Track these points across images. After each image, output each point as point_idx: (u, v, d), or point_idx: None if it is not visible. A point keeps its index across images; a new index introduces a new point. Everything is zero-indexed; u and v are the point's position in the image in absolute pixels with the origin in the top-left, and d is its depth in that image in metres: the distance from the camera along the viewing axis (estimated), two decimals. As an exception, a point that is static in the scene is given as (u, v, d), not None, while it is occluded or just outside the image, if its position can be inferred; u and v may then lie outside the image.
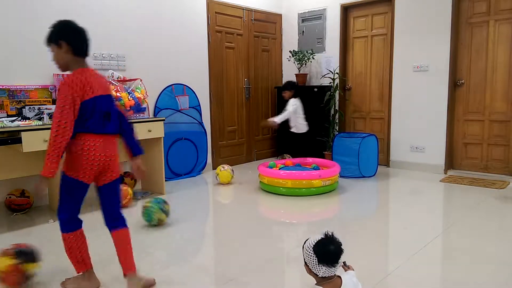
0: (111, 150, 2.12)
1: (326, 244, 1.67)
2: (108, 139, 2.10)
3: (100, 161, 2.07)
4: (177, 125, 4.91)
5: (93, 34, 4.11)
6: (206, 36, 5.27)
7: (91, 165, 2.06)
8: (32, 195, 3.63)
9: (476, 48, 4.83)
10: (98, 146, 2.05)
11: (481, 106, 4.85)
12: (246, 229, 3.26)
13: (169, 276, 2.40)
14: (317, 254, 1.65)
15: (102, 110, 2.06)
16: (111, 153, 2.12)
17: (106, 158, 2.09)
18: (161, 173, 4.21)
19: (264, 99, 6.28)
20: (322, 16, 5.95)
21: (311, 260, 1.66)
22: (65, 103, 1.94)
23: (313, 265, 1.66)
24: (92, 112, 2.02)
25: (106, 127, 2.09)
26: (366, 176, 4.88)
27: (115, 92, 4.02)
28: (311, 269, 1.69)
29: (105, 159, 2.09)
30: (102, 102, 2.07)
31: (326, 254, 1.65)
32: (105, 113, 2.08)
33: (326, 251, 1.65)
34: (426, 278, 2.32)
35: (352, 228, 3.26)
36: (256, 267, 2.51)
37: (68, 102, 1.94)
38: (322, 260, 1.64)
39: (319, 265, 1.65)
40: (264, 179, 4.28)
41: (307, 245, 1.71)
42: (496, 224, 3.25)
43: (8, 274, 2.16)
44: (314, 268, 1.67)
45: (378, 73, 5.59)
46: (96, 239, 2.63)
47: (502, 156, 4.75)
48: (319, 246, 1.66)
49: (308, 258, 1.68)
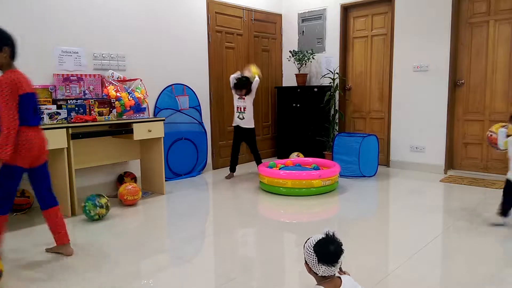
0: (42, 138, 2.53)
1: (327, 243, 1.67)
2: (38, 129, 2.52)
3: (36, 149, 2.46)
4: (177, 125, 4.91)
5: (93, 34, 4.14)
6: (206, 36, 5.27)
7: (30, 152, 2.42)
8: (32, 195, 3.64)
9: (476, 48, 4.83)
10: (34, 136, 2.44)
11: (481, 106, 4.85)
12: (246, 229, 3.26)
13: (169, 276, 2.41)
14: (317, 253, 1.66)
15: (33, 105, 2.44)
16: (42, 141, 2.53)
17: (40, 146, 2.49)
18: (161, 173, 4.21)
19: (264, 99, 6.28)
20: (322, 16, 5.95)
21: (311, 259, 1.67)
22: (8, 100, 2.28)
23: (313, 264, 1.67)
24: (27, 106, 2.39)
25: (36, 119, 2.49)
26: (367, 176, 4.88)
27: (115, 92, 4.02)
28: (311, 268, 1.69)
29: (39, 147, 2.47)
30: (32, 98, 2.44)
31: (326, 254, 1.65)
32: (34, 108, 2.46)
33: (326, 251, 1.65)
34: (426, 278, 2.32)
35: (352, 228, 3.26)
36: (256, 267, 2.51)
37: (11, 97, 2.29)
38: (322, 260, 1.65)
39: (319, 264, 1.65)
40: (264, 179, 4.28)
41: (307, 244, 1.71)
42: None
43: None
44: (314, 267, 1.67)
45: (378, 73, 5.59)
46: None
47: (502, 156, 4.74)
48: (319, 246, 1.67)
49: (308, 257, 1.69)
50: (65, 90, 3.87)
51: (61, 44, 3.89)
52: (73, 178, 3.51)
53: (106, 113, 3.86)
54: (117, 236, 3.09)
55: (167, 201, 4.05)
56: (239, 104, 4.92)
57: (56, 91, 3.80)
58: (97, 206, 3.35)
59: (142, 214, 3.69)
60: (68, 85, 3.89)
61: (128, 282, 2.31)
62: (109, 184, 4.34)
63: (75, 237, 3.17)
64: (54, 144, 3.30)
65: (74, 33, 3.98)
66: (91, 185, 4.18)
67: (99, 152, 3.99)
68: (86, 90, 4.01)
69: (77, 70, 4.01)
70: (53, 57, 3.84)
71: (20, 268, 2.50)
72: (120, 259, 2.63)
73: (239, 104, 4.92)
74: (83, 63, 4.06)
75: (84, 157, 3.81)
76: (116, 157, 4.17)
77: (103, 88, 4.10)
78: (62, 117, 3.50)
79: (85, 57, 4.07)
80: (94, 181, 4.22)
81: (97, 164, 4.02)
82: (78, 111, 3.66)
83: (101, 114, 3.83)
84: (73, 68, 3.98)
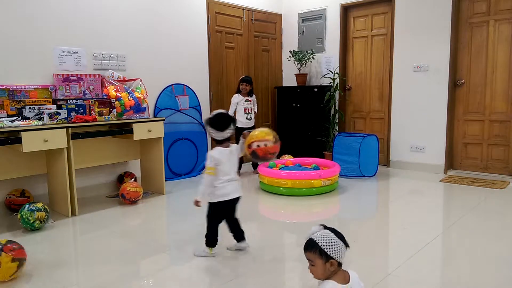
0: None
1: (334, 229, 1.65)
2: None
3: None
4: (177, 125, 4.92)
5: (93, 34, 4.14)
6: (206, 36, 5.27)
7: None
8: (32, 195, 3.64)
9: (476, 48, 4.83)
10: None
11: (481, 106, 4.85)
12: (246, 229, 3.25)
13: (169, 276, 2.41)
14: (342, 239, 1.60)
15: None
16: None
17: None
18: (161, 173, 4.21)
19: (264, 99, 6.27)
20: (322, 16, 5.95)
21: (339, 246, 1.58)
22: None
23: (341, 250, 1.58)
24: None
25: None
26: (367, 176, 4.88)
27: (115, 92, 4.02)
28: (333, 257, 1.57)
29: None
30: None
31: (343, 237, 1.62)
32: None
33: (342, 235, 1.63)
34: (426, 278, 2.32)
35: (352, 228, 3.26)
36: (256, 267, 2.51)
37: None
38: (346, 243, 1.61)
39: (345, 250, 1.60)
40: (264, 179, 4.28)
41: (326, 235, 1.60)
42: (496, 224, 3.24)
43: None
44: (341, 253, 1.58)
45: (378, 73, 5.59)
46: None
47: (502, 156, 4.76)
48: (335, 231, 1.63)
49: (334, 246, 1.57)
50: (65, 90, 3.87)
51: (61, 44, 3.89)
52: (73, 178, 3.50)
53: (106, 113, 3.86)
54: (117, 236, 3.09)
55: (167, 201, 4.05)
56: (247, 106, 5.11)
57: (56, 91, 3.80)
58: (34, 210, 3.06)
59: (142, 214, 3.69)
60: (68, 85, 3.89)
61: (128, 282, 2.31)
62: (109, 184, 4.34)
63: (75, 237, 3.18)
64: (54, 144, 3.30)
65: (74, 33, 3.98)
66: (91, 185, 4.18)
67: (99, 152, 3.99)
68: (86, 90, 4.01)
69: (77, 70, 4.01)
70: (53, 57, 3.84)
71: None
72: (120, 259, 2.63)
73: (246, 106, 5.10)
74: (83, 63, 4.06)
75: (84, 157, 3.81)
76: (116, 157, 4.17)
77: (103, 88, 4.10)
78: (62, 117, 3.50)
79: (85, 57, 4.07)
80: (94, 181, 4.22)
81: (97, 164, 4.02)
82: (78, 111, 3.66)
83: (101, 114, 3.83)
84: (73, 68, 3.98)
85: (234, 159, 2.60)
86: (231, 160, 2.57)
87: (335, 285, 1.56)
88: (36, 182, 3.76)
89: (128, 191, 3.78)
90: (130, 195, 3.79)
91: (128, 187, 3.81)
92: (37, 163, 3.62)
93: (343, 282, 1.59)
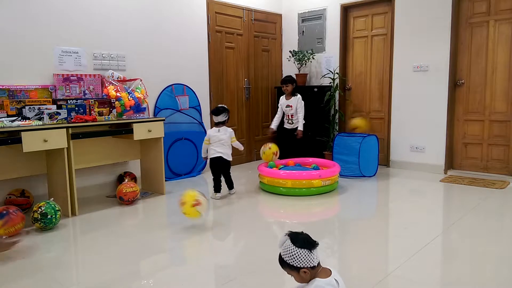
0: None
1: (297, 236, 1.69)
2: None
3: None
4: (177, 125, 4.91)
5: (93, 34, 4.14)
6: (206, 36, 5.27)
7: None
8: (32, 195, 3.64)
9: (476, 48, 4.83)
10: None
11: (481, 106, 4.85)
12: (246, 229, 3.26)
13: (169, 276, 2.41)
14: (303, 245, 1.64)
15: None
16: None
17: None
18: (161, 173, 4.21)
19: (264, 99, 6.28)
20: (322, 16, 5.95)
21: (302, 255, 1.63)
22: None
23: (306, 256, 1.63)
24: None
25: None
26: (367, 176, 4.88)
27: (115, 92, 4.02)
28: (301, 267, 1.64)
29: None
30: None
31: (307, 241, 1.67)
32: None
33: (303, 238, 1.68)
34: (426, 278, 2.32)
35: (352, 228, 3.26)
36: (256, 267, 2.51)
37: None
38: (310, 247, 1.65)
39: (311, 253, 1.64)
40: (264, 179, 4.28)
41: (286, 249, 1.67)
42: (496, 224, 3.25)
43: None
44: (308, 259, 1.63)
45: (378, 73, 5.59)
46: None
47: (502, 156, 4.75)
48: (296, 238, 1.67)
49: (297, 257, 1.64)
50: (65, 90, 3.87)
51: (61, 44, 3.89)
52: (73, 178, 3.50)
53: (106, 113, 3.86)
54: (116, 236, 3.09)
55: (167, 201, 4.05)
56: (287, 112, 5.19)
57: (56, 91, 3.80)
58: (59, 210, 3.21)
59: (142, 214, 3.69)
60: (68, 85, 3.89)
61: (128, 282, 2.31)
62: (109, 184, 4.34)
63: (75, 237, 3.18)
64: (54, 144, 3.30)
65: (74, 33, 3.98)
66: (91, 185, 4.18)
67: (99, 152, 3.99)
68: (86, 90, 4.01)
69: (77, 70, 4.01)
70: (53, 57, 3.84)
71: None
72: (120, 259, 2.63)
73: (286, 111, 5.20)
74: (83, 63, 4.06)
75: (84, 157, 3.81)
76: (116, 157, 4.17)
77: (103, 88, 4.10)
78: (62, 117, 3.50)
79: (85, 57, 4.07)
80: (94, 181, 4.22)
81: (97, 164, 4.02)
82: (78, 111, 3.66)
83: (101, 114, 3.83)
84: (73, 68, 3.98)
85: (221, 136, 3.99)
86: (218, 137, 4.00)
87: (319, 281, 1.63)
88: (36, 182, 3.76)
89: (125, 193, 3.78)
90: (128, 195, 3.79)
91: (124, 189, 3.80)
92: (37, 163, 3.62)
93: (326, 277, 1.66)
